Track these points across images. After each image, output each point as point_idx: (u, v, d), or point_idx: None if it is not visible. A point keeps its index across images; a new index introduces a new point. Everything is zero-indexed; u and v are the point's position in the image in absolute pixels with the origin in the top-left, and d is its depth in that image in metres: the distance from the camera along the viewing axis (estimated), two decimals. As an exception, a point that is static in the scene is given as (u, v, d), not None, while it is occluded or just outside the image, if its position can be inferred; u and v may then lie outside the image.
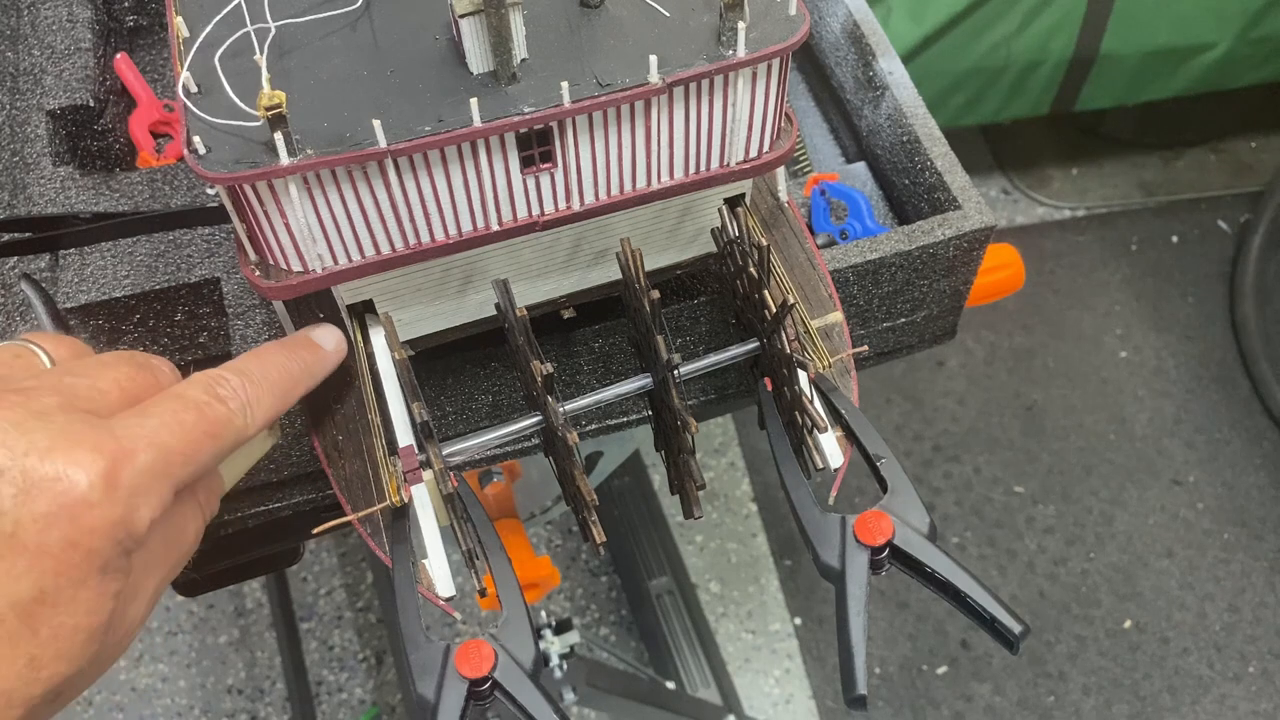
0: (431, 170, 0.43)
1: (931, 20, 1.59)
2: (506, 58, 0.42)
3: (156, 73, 0.80)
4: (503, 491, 0.96)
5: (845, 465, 0.50)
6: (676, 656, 1.56)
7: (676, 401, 0.48)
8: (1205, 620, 1.68)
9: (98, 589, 0.36)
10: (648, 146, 0.46)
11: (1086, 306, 1.99)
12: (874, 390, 1.88)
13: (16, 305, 0.63)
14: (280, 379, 0.44)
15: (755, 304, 0.50)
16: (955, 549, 1.73)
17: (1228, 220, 2.11)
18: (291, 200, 0.42)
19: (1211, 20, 1.70)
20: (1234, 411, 1.88)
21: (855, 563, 0.44)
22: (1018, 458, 1.82)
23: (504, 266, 0.51)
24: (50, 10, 0.74)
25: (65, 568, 0.35)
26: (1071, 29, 1.66)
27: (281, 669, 1.61)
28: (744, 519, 1.78)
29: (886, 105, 0.73)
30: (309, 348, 0.47)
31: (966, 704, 1.61)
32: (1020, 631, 0.43)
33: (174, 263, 0.63)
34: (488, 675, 0.41)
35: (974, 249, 0.66)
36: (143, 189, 0.66)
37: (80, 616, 0.36)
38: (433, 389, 0.60)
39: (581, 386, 0.63)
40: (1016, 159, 2.19)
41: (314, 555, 1.72)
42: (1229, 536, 1.76)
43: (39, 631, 0.35)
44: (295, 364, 0.46)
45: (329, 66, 0.43)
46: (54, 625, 0.35)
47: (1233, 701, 1.61)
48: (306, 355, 0.47)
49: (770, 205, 0.60)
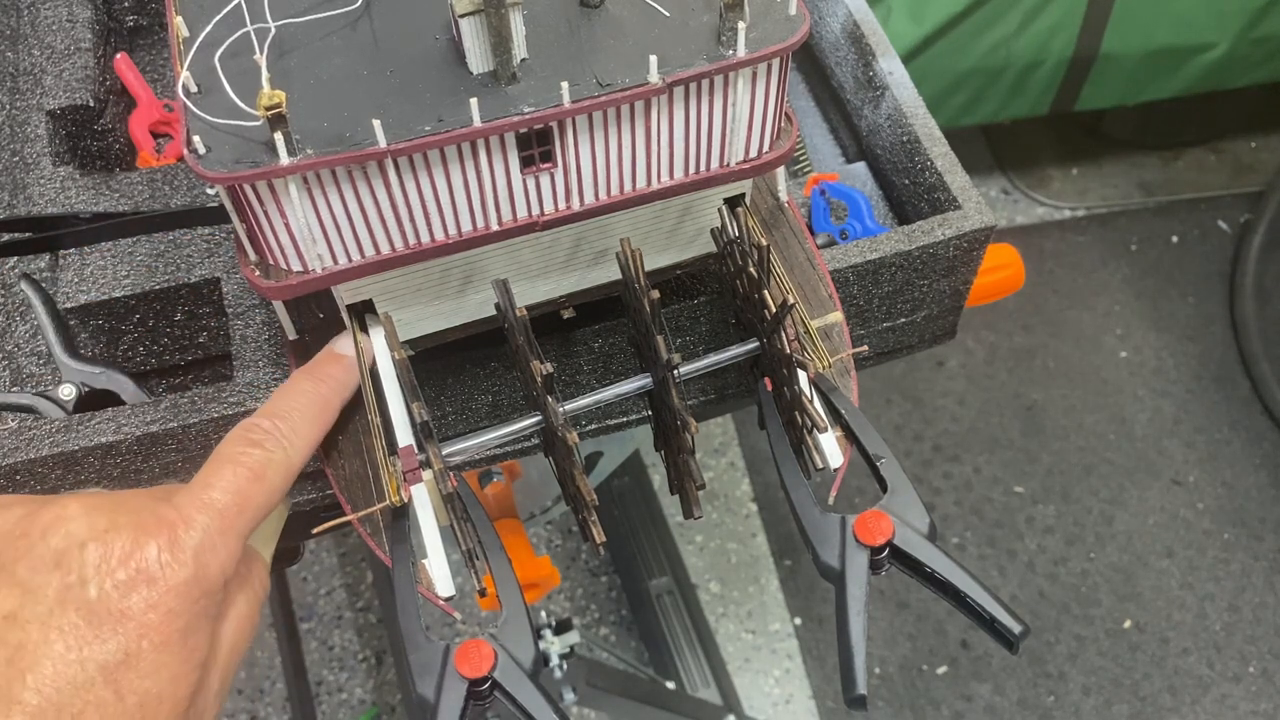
0: (431, 170, 0.43)
1: (931, 20, 1.59)
2: (506, 58, 0.42)
3: (156, 73, 0.80)
4: (503, 491, 0.96)
5: (845, 465, 0.50)
6: (676, 656, 1.56)
7: (676, 401, 0.48)
8: (1205, 620, 1.68)
9: (180, 654, 0.39)
10: (648, 146, 0.46)
11: (1086, 306, 1.99)
12: (874, 390, 1.88)
13: (16, 305, 0.63)
14: (310, 405, 0.47)
15: (755, 304, 0.50)
16: (955, 549, 1.73)
17: (1228, 220, 2.11)
18: (291, 200, 0.42)
19: (1211, 20, 1.70)
20: (1234, 411, 1.88)
21: (855, 563, 0.44)
22: (1018, 458, 1.82)
23: (504, 266, 0.51)
24: (50, 10, 0.74)
25: (147, 629, 0.37)
26: (1071, 29, 1.66)
27: (281, 669, 1.61)
28: (744, 519, 1.78)
29: (886, 105, 0.73)
30: (334, 361, 0.49)
31: (966, 704, 1.61)
32: (1020, 631, 0.43)
33: (174, 263, 0.63)
34: (487, 675, 0.41)
35: (974, 249, 0.66)
36: (143, 189, 0.66)
37: (165, 684, 0.38)
38: (433, 389, 0.60)
39: (581, 386, 0.63)
40: (1016, 159, 2.19)
41: (314, 555, 1.72)
42: (1229, 536, 1.75)
43: (125, 697, 0.37)
44: (324, 386, 0.48)
45: (329, 66, 0.43)
46: (139, 691, 0.37)
47: (1233, 701, 1.61)
48: (334, 370, 0.49)
49: (770, 205, 0.60)
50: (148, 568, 0.38)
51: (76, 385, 0.59)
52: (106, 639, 0.36)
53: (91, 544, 0.38)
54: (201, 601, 0.39)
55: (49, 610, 0.36)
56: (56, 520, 0.38)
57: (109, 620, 0.37)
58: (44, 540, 0.38)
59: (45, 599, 0.37)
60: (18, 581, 0.37)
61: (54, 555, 0.37)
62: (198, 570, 0.39)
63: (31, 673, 0.35)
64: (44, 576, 0.37)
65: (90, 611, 0.37)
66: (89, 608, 0.37)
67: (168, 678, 0.38)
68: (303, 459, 0.46)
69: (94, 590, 0.37)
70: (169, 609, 0.38)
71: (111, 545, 0.38)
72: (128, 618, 0.37)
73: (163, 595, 0.38)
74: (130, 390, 0.59)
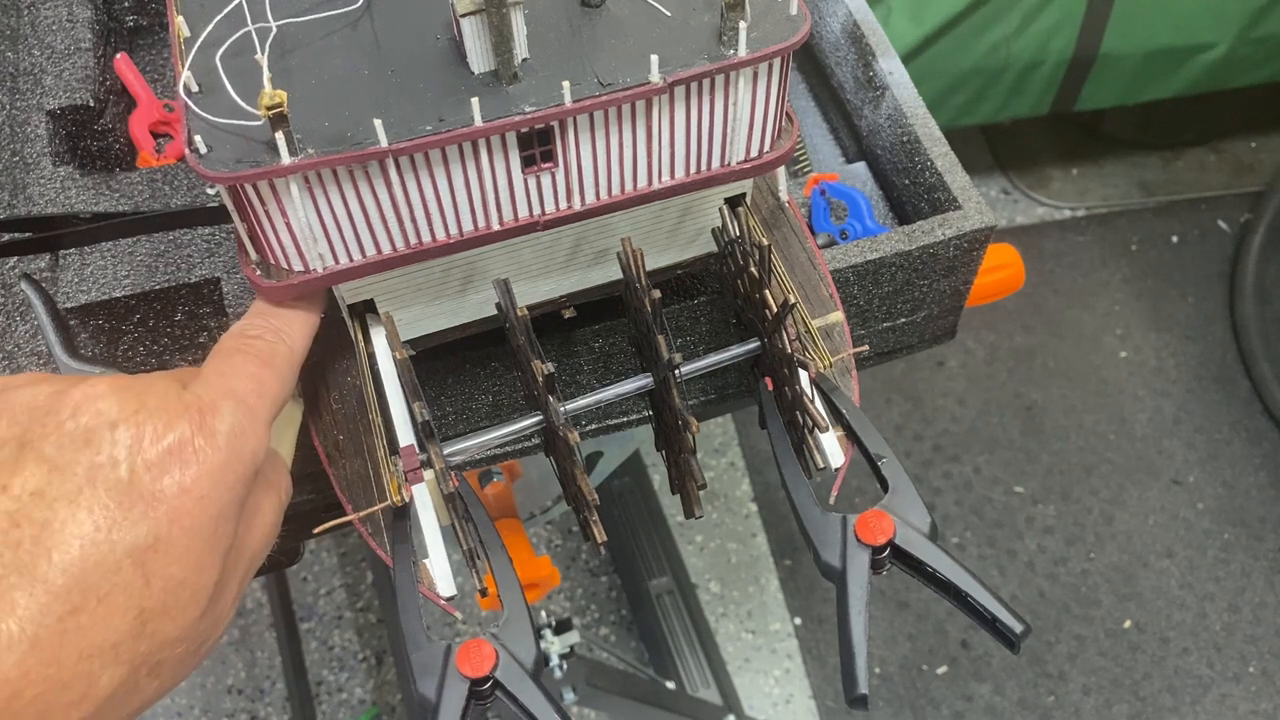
0: (432, 170, 0.43)
1: (931, 20, 1.60)
2: (508, 57, 0.42)
3: (156, 73, 0.80)
4: (503, 491, 0.96)
5: (846, 465, 0.50)
6: (676, 656, 1.56)
7: (677, 401, 0.48)
8: (1205, 620, 1.68)
9: (209, 541, 0.38)
10: (649, 146, 0.46)
11: (1086, 306, 1.99)
12: (874, 390, 1.88)
13: (16, 305, 0.63)
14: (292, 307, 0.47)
15: (756, 304, 0.50)
16: (955, 549, 1.73)
17: (1228, 220, 2.11)
18: (293, 200, 0.42)
19: (1211, 20, 1.70)
20: (1234, 411, 1.88)
21: (856, 562, 0.44)
22: (1018, 458, 1.82)
23: (505, 266, 0.51)
24: (50, 10, 0.74)
25: (179, 514, 0.37)
26: (1071, 29, 1.66)
27: (281, 669, 1.61)
28: (744, 519, 1.78)
29: (886, 105, 0.73)
30: None
31: (966, 704, 1.61)
32: (1021, 631, 0.43)
33: (174, 263, 0.63)
34: (489, 675, 0.41)
35: (974, 249, 0.66)
36: (143, 189, 0.66)
37: (190, 571, 0.37)
38: (433, 389, 0.60)
39: (582, 386, 0.63)
40: (1016, 159, 2.19)
41: (314, 555, 1.73)
42: (1229, 536, 1.76)
43: (151, 582, 0.36)
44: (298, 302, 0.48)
45: (330, 66, 0.43)
46: (165, 576, 0.36)
47: (1233, 701, 1.61)
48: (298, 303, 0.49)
49: (771, 205, 0.60)
50: (181, 451, 0.37)
51: (77, 385, 0.59)
52: (137, 521, 0.36)
53: (123, 424, 0.37)
54: (236, 488, 0.39)
55: (78, 489, 0.35)
56: (86, 399, 0.37)
57: (140, 502, 0.36)
58: (74, 418, 0.37)
59: (74, 477, 0.35)
60: (45, 458, 0.36)
61: (84, 433, 0.36)
62: (230, 455, 0.38)
63: (58, 551, 0.34)
64: (73, 454, 0.36)
65: (121, 492, 0.36)
66: (120, 488, 0.36)
67: (194, 565, 0.37)
68: (302, 348, 0.46)
69: (125, 470, 0.36)
70: (202, 494, 0.37)
71: (143, 427, 0.37)
72: (160, 500, 0.36)
73: (196, 479, 0.37)
74: (131, 390, 0.59)
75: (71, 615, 0.34)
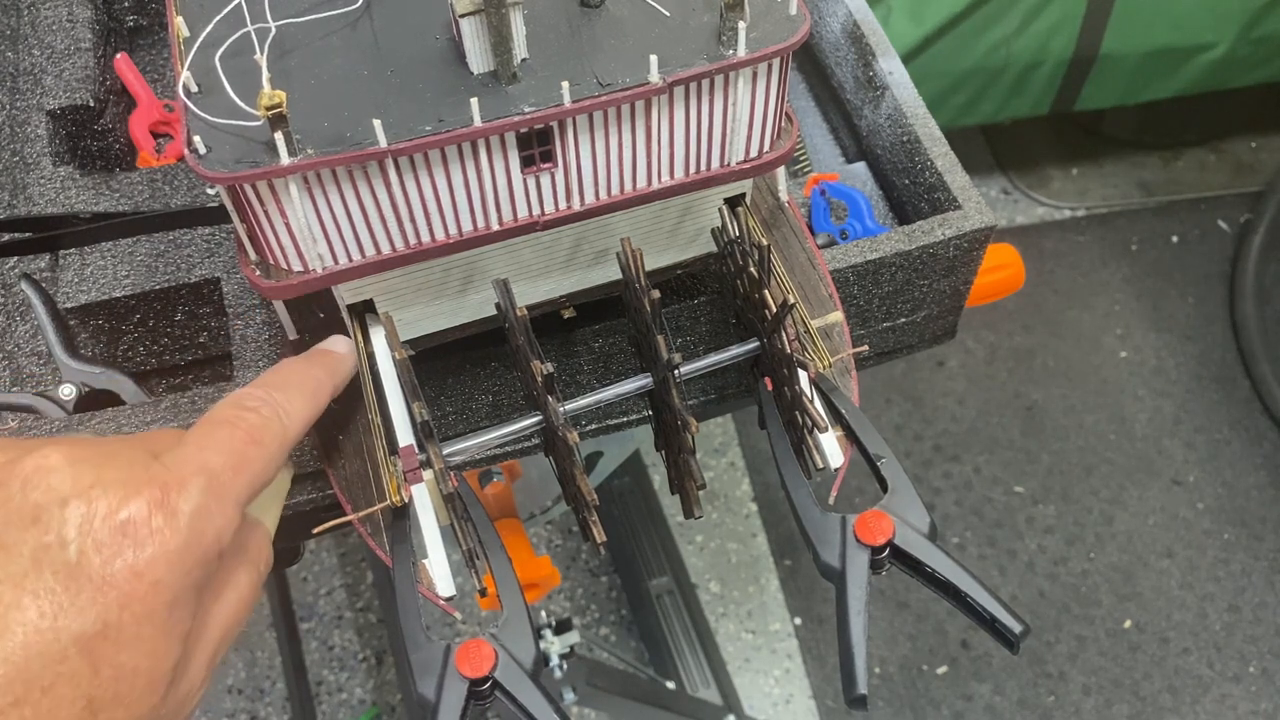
0: (432, 170, 0.43)
1: (931, 20, 1.60)
2: (507, 57, 0.42)
3: (156, 73, 0.80)
4: (503, 491, 0.96)
5: (845, 465, 0.50)
6: (676, 656, 1.56)
7: (677, 401, 0.48)
8: (1205, 620, 1.68)
9: (163, 627, 0.35)
10: (648, 146, 0.46)
11: (1086, 306, 1.99)
12: (874, 390, 1.88)
13: (16, 305, 0.63)
14: (303, 380, 0.45)
15: (755, 304, 0.50)
16: (955, 549, 1.73)
17: (1228, 220, 2.11)
18: (292, 200, 0.42)
19: (1211, 20, 1.70)
20: (1234, 411, 1.88)
21: (855, 562, 0.44)
22: (1018, 458, 1.82)
23: (504, 266, 0.51)
24: (50, 10, 0.74)
25: (129, 599, 0.34)
26: (1071, 29, 1.66)
27: (281, 669, 1.61)
28: (744, 519, 1.78)
29: (886, 105, 0.73)
30: (324, 353, 0.49)
31: (966, 704, 1.61)
32: (1020, 631, 0.43)
33: (174, 263, 0.63)
34: (488, 675, 0.41)
35: (974, 249, 0.66)
36: (143, 189, 0.66)
37: (143, 658, 0.35)
38: (433, 389, 0.60)
39: (581, 386, 0.63)
40: (1016, 159, 2.19)
41: (314, 555, 1.72)
42: (1229, 536, 1.75)
43: (100, 670, 0.34)
44: (315, 367, 0.47)
45: (329, 66, 0.43)
46: (116, 665, 0.34)
47: (1233, 701, 1.61)
48: (325, 359, 0.48)
49: (770, 205, 0.60)
50: (135, 531, 0.35)
51: (76, 385, 0.59)
52: (84, 607, 0.33)
53: (74, 500, 0.34)
54: (194, 573, 0.36)
55: (23, 571, 0.33)
56: (38, 471, 0.35)
57: (88, 587, 0.34)
58: (23, 493, 0.34)
59: (20, 559, 0.33)
60: None
61: (32, 510, 0.34)
62: (191, 537, 0.36)
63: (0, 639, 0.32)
64: (19, 533, 0.34)
65: (69, 575, 0.33)
66: (67, 571, 0.33)
67: (147, 651, 0.35)
68: (298, 431, 0.43)
69: (74, 552, 0.34)
70: (156, 578, 0.35)
71: (96, 504, 0.34)
72: (109, 585, 0.34)
73: (150, 562, 0.35)
74: (130, 390, 0.60)
75: (14, 708, 0.32)
